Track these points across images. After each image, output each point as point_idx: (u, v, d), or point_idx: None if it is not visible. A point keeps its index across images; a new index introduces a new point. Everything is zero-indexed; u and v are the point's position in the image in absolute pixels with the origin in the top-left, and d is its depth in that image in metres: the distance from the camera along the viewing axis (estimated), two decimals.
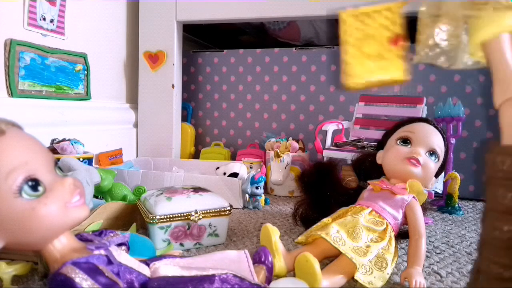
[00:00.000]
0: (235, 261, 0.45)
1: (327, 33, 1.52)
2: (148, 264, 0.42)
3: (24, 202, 0.35)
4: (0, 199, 0.35)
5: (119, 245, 0.43)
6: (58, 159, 0.73)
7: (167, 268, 0.41)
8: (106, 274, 0.36)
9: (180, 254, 0.51)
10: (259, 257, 0.48)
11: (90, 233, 0.44)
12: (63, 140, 0.93)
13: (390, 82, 0.47)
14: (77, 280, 0.34)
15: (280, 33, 1.59)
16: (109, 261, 0.38)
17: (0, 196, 0.35)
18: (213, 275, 0.39)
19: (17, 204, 0.35)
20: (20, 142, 0.37)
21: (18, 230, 0.36)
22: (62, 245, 0.39)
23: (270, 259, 0.47)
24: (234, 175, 1.02)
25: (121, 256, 0.40)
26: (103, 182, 0.75)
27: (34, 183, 0.36)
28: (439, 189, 1.01)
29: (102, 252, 0.39)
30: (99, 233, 0.44)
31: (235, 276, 0.40)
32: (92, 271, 0.35)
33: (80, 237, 0.42)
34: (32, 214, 0.36)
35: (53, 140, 0.94)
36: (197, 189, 0.71)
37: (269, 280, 0.47)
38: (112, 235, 0.44)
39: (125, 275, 0.37)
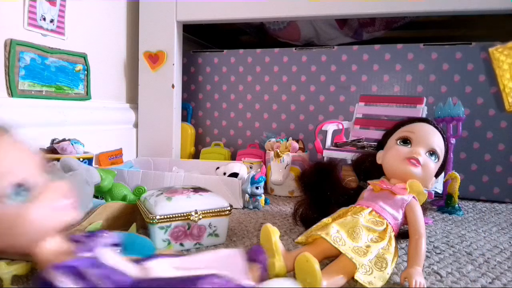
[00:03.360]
0: (229, 257, 0.44)
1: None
2: (139, 263, 0.42)
3: (10, 207, 0.36)
4: None
5: (113, 245, 0.43)
6: (58, 159, 0.73)
7: (157, 269, 0.40)
8: (89, 277, 0.36)
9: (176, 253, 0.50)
10: (251, 255, 0.47)
11: (84, 233, 0.44)
12: (63, 140, 0.93)
13: None
14: (57, 283, 0.34)
15: (280, 33, 1.59)
16: (95, 263, 0.38)
17: None
18: (198, 276, 0.39)
19: (3, 209, 0.36)
20: (6, 147, 0.38)
21: (5, 234, 0.36)
22: (49, 248, 0.39)
23: (263, 256, 0.46)
24: (234, 175, 1.02)
25: (109, 256, 0.40)
26: (103, 182, 0.75)
27: (21, 188, 0.37)
28: (439, 189, 1.01)
29: (89, 254, 0.39)
30: (86, 236, 0.43)
31: (221, 276, 0.40)
32: (74, 274, 0.35)
33: (70, 238, 0.42)
34: (19, 218, 0.36)
35: (53, 140, 0.94)
36: (197, 189, 0.71)
37: (263, 278, 0.46)
38: (103, 235, 0.44)
39: (110, 276, 0.37)
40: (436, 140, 0.65)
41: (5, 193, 0.36)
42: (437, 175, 0.68)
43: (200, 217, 0.65)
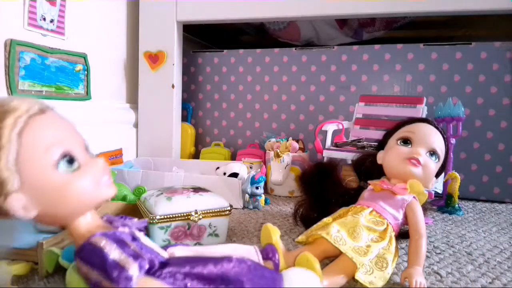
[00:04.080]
0: (245, 254, 0.46)
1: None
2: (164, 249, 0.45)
3: (60, 175, 0.38)
4: (39, 171, 0.37)
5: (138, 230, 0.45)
6: None
7: (183, 252, 0.43)
8: (132, 247, 0.38)
9: None
10: (266, 254, 0.49)
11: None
12: None
13: None
14: (106, 248, 0.36)
15: (280, 33, 1.59)
16: (133, 238, 0.40)
17: (39, 168, 0.37)
18: (231, 256, 0.41)
19: (54, 176, 0.38)
20: (58, 122, 0.41)
21: (52, 201, 0.38)
22: (87, 222, 0.41)
23: (277, 256, 0.49)
24: (234, 175, 1.02)
25: (142, 238, 0.42)
26: None
27: (70, 159, 0.39)
28: (439, 189, 1.01)
29: (126, 229, 0.41)
30: (119, 217, 0.45)
31: (250, 260, 0.42)
32: (120, 242, 0.37)
33: (103, 218, 0.44)
34: (66, 187, 0.38)
35: None
36: (197, 189, 0.71)
37: None
38: (131, 220, 0.45)
39: (147, 254, 0.39)
40: (437, 140, 0.65)
41: (55, 161, 0.38)
42: (437, 175, 0.68)
43: (200, 217, 0.65)
